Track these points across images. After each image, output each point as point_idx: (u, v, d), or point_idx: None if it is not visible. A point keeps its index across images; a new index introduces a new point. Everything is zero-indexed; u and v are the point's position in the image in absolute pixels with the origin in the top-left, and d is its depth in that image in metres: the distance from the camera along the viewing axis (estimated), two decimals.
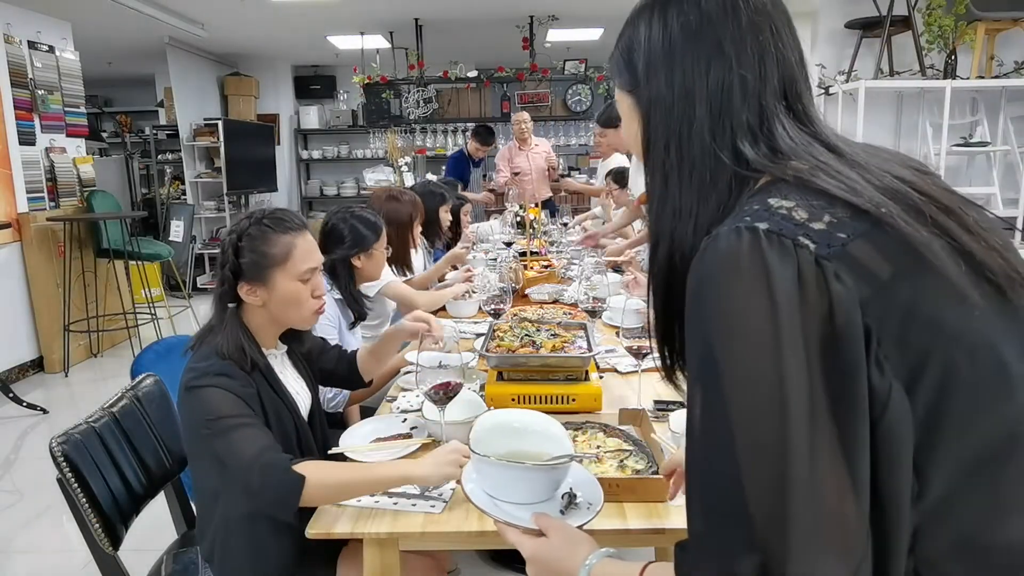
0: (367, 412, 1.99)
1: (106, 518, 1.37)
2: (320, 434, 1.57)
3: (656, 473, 1.26)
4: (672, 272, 0.72)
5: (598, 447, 1.38)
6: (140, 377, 1.70)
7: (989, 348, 0.59)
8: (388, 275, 2.45)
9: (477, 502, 0.90)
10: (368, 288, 2.34)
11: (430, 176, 6.07)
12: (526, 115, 5.57)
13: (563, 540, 0.81)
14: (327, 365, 1.68)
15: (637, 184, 3.80)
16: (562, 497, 0.93)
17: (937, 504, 0.58)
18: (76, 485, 1.34)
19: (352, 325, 2.18)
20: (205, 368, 1.31)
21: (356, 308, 2.19)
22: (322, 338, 1.73)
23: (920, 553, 0.59)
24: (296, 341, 1.55)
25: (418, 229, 2.80)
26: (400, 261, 2.76)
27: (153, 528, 1.75)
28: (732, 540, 0.58)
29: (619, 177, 4.08)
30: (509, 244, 3.78)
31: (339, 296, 2.15)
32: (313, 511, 1.23)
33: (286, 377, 1.49)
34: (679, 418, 1.51)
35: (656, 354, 0.79)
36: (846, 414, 0.57)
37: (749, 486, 0.57)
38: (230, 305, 1.39)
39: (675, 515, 1.18)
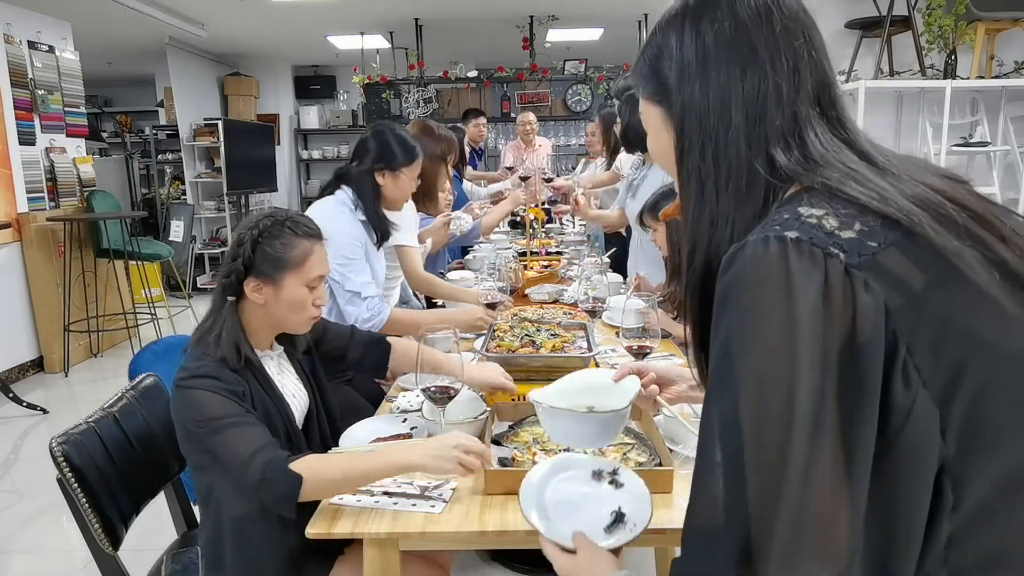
0: (366, 412, 1.99)
1: (106, 518, 1.37)
2: (319, 436, 1.55)
3: (660, 465, 1.27)
4: (708, 280, 0.72)
5: None
6: (140, 377, 1.69)
7: None
8: (412, 239, 2.41)
9: (530, 518, 0.96)
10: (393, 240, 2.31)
11: None
12: (532, 116, 5.54)
13: (588, 558, 0.87)
14: (347, 353, 1.66)
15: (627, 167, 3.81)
16: (611, 514, 0.98)
17: (972, 516, 0.58)
18: (76, 485, 1.34)
19: (378, 245, 2.15)
20: (195, 369, 1.31)
21: (381, 227, 2.13)
22: (323, 320, 1.68)
23: (952, 563, 0.59)
24: (290, 344, 1.54)
25: (450, 166, 2.71)
26: (428, 196, 2.68)
27: (153, 528, 1.75)
28: (727, 535, 0.59)
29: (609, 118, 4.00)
30: (549, 179, 3.75)
31: (363, 218, 2.10)
32: (313, 510, 1.23)
33: (283, 380, 1.48)
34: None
35: (694, 367, 0.80)
36: (855, 427, 0.57)
37: (751, 489, 0.58)
38: (230, 298, 1.37)
39: (676, 515, 1.19)
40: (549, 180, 3.90)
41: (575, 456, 1.13)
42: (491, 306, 2.06)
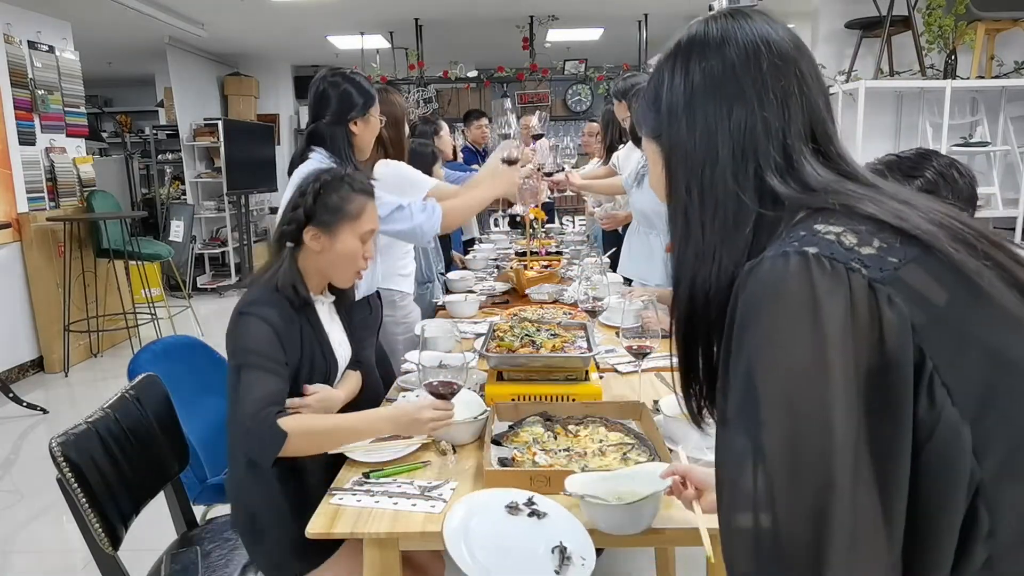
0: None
1: (106, 518, 1.37)
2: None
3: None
4: (693, 313, 0.72)
5: (600, 441, 1.39)
6: (140, 377, 1.69)
7: None
8: (428, 179, 2.34)
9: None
10: (418, 193, 2.23)
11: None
12: (534, 119, 5.54)
13: None
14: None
15: (625, 167, 3.79)
16: (553, 552, 0.97)
17: (1010, 541, 0.57)
18: (76, 485, 1.34)
19: None
20: (257, 296, 1.43)
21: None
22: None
23: None
24: (340, 295, 1.64)
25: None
26: (399, 158, 2.55)
27: (153, 528, 1.75)
28: (767, 570, 0.57)
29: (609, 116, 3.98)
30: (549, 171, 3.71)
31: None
32: (312, 509, 1.23)
33: (332, 328, 1.58)
34: (669, 402, 1.51)
35: (681, 397, 0.79)
36: (888, 443, 0.56)
37: (784, 519, 0.56)
38: (289, 244, 1.49)
39: (676, 515, 1.18)
40: (549, 174, 3.89)
41: (484, 494, 1.16)
42: (511, 162, 2.09)
